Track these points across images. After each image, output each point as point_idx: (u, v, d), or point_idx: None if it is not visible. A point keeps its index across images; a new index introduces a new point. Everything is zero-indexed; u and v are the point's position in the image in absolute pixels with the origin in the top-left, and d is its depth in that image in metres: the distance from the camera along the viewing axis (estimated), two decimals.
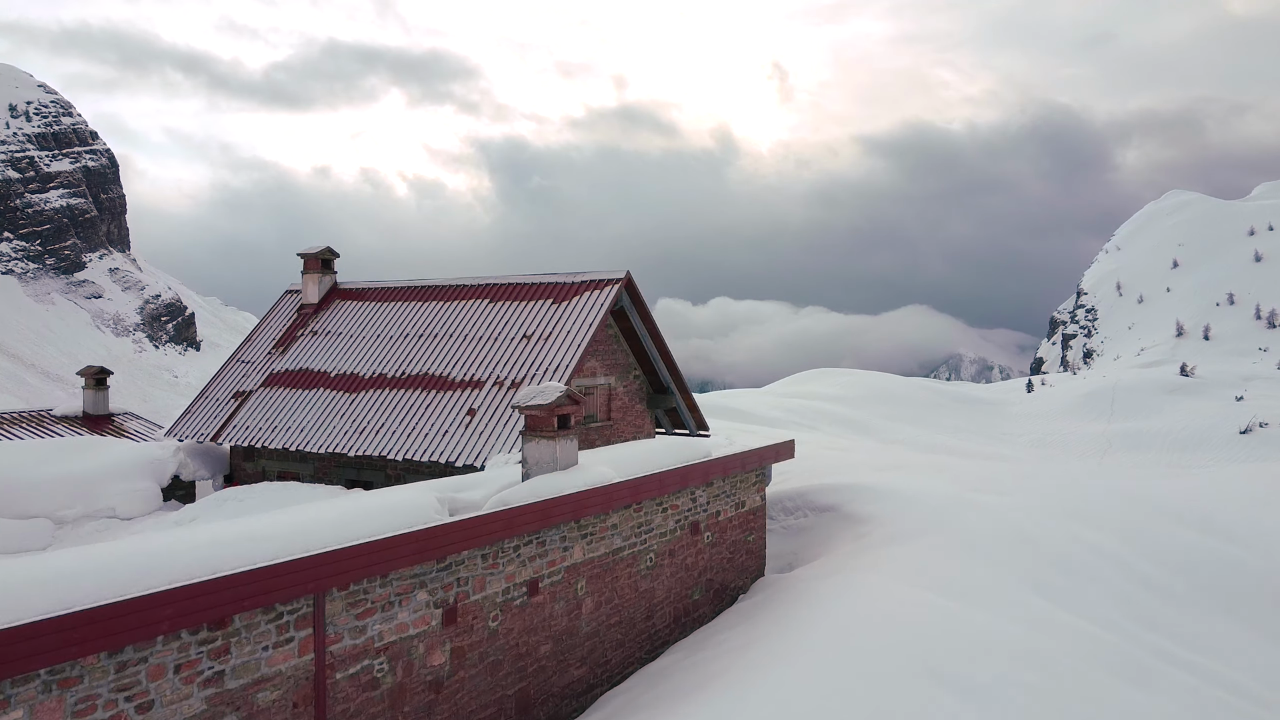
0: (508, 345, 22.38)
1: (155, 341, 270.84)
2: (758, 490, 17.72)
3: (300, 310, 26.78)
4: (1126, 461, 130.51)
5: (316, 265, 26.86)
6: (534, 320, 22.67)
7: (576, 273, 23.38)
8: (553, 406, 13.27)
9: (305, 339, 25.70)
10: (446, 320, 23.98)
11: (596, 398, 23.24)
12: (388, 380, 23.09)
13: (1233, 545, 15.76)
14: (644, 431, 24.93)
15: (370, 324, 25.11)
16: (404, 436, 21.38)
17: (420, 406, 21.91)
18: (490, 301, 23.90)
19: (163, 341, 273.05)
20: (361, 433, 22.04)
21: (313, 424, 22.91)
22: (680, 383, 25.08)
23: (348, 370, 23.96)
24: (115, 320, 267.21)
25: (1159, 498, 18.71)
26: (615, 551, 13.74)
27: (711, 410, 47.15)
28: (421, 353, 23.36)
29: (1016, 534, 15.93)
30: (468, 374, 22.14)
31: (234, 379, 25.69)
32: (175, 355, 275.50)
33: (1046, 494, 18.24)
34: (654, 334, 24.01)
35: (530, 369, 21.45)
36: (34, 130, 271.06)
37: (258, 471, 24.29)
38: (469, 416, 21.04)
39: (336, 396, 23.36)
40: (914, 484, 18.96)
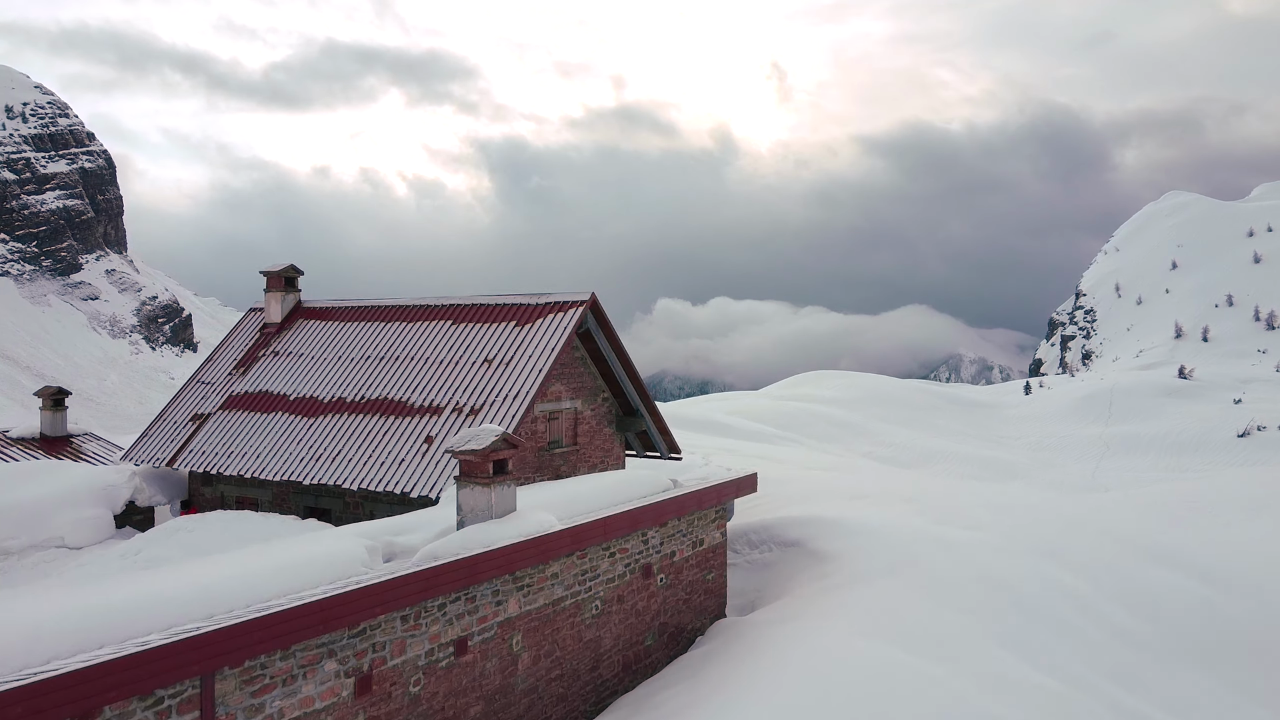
0: (468, 370, 21.73)
1: (152, 343, 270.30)
2: (718, 527, 17.07)
3: (263, 330, 26.13)
4: (1123, 465, 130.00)
5: (279, 283, 26.20)
6: (496, 343, 22.02)
7: (541, 294, 22.73)
8: (488, 451, 12.61)
9: (266, 360, 25.05)
10: (408, 342, 23.33)
11: (562, 422, 22.59)
12: (347, 405, 22.44)
13: (1210, 588, 15.13)
14: (612, 455, 24.29)
15: (332, 345, 24.46)
16: (360, 465, 20.74)
17: (378, 433, 21.25)
18: (453, 323, 23.24)
19: (159, 343, 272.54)
20: (318, 460, 21.39)
21: (269, 450, 22.26)
22: (650, 405, 24.44)
23: (307, 393, 23.31)
24: (112, 322, 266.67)
25: (1134, 532, 18.05)
26: (556, 602, 13.09)
27: (701, 418, 46.46)
28: (382, 376, 22.72)
29: (984, 576, 15.28)
30: (427, 399, 21.49)
31: (193, 400, 25.04)
32: (172, 357, 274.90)
33: (1018, 529, 17.59)
34: (621, 356, 23.36)
35: (490, 395, 20.80)
36: (30, 131, 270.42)
37: (216, 497, 23.64)
38: (426, 444, 20.40)
39: (295, 421, 22.71)
40: (882, 517, 18.31)
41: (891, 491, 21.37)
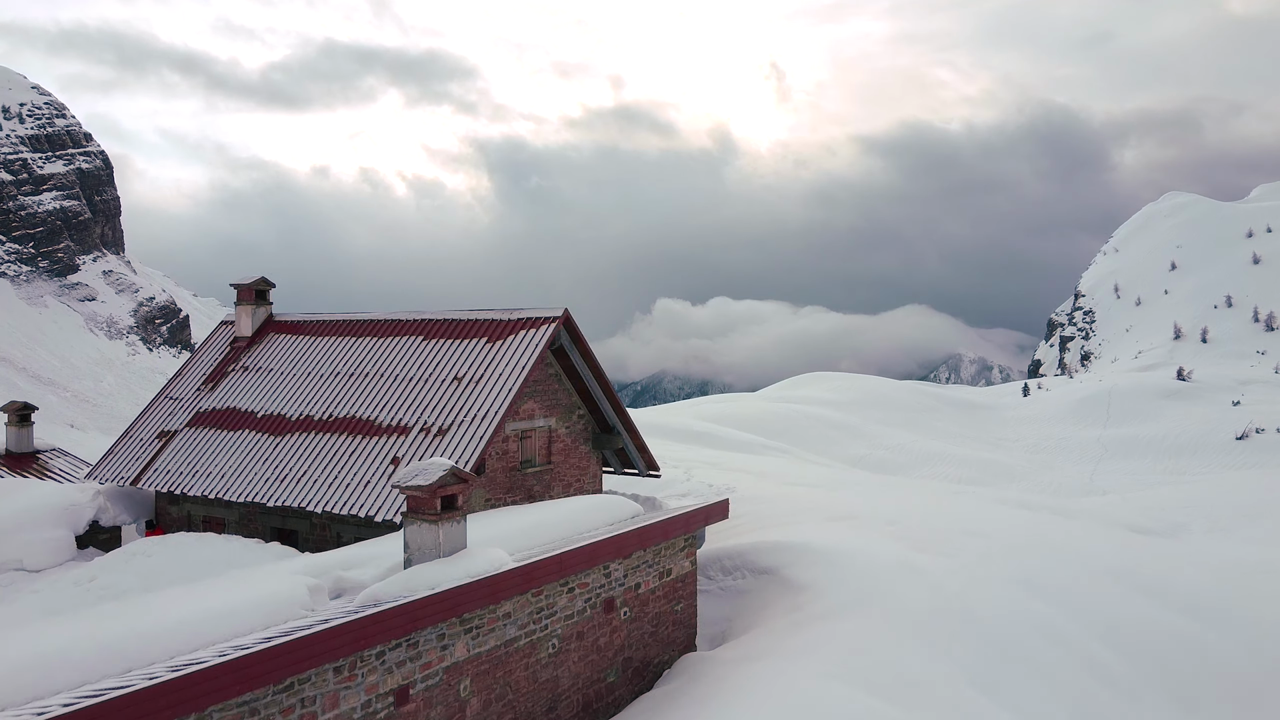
0: (438, 388, 21.18)
1: (149, 344, 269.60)
2: (686, 556, 16.50)
3: (233, 344, 25.58)
4: (1121, 467, 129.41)
5: (250, 296, 25.65)
6: (466, 361, 21.46)
7: (513, 309, 22.18)
8: (435, 487, 12.05)
9: (236, 375, 24.49)
10: (378, 359, 22.77)
11: (535, 441, 22.03)
12: (314, 423, 21.88)
13: (1194, 621, 14.58)
14: (589, 474, 23.73)
15: (302, 360, 23.90)
16: (325, 486, 20.18)
17: (345, 453, 20.70)
18: (424, 338, 22.69)
19: (156, 344, 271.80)
20: (283, 481, 20.84)
21: (235, 469, 21.71)
22: (627, 422, 23.89)
23: (275, 411, 22.75)
24: (109, 323, 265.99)
25: (1117, 560, 17.47)
26: (509, 643, 12.53)
27: (687, 428, 45.90)
28: (351, 394, 22.16)
29: (959, 610, 14.73)
30: (395, 418, 20.93)
31: (160, 417, 24.49)
32: (169, 358, 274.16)
33: (995, 556, 17.02)
34: (597, 372, 22.82)
35: (459, 415, 20.24)
36: (27, 132, 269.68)
37: (183, 516, 23.08)
38: (393, 466, 19.84)
39: (262, 439, 22.15)
40: (859, 543, 17.75)
41: (872, 512, 20.80)
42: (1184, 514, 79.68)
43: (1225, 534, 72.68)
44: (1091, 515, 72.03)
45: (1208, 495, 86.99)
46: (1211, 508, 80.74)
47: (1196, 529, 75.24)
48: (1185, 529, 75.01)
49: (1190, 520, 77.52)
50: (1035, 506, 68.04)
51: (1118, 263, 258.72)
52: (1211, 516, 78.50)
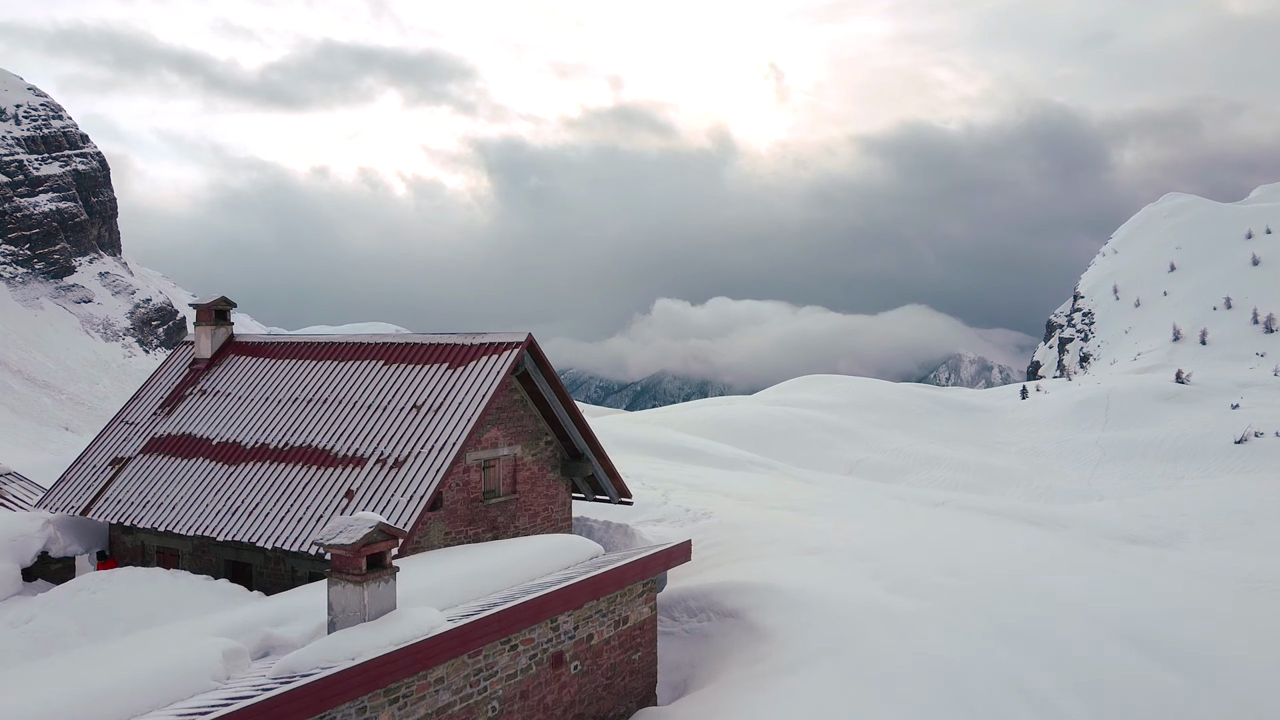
0: (396, 416, 20.38)
1: (145, 346, 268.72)
2: (645, 601, 15.70)
3: (192, 366, 24.78)
4: (1120, 471, 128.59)
5: (209, 317, 24.84)
6: (426, 388, 20.66)
7: (477, 333, 21.38)
8: (360, 545, 11.25)
9: (193, 399, 23.69)
10: (337, 384, 21.96)
11: (499, 470, 21.23)
12: (270, 452, 21.08)
13: (1185, 678, 13.72)
14: (557, 502, 22.93)
15: (261, 384, 23.10)
16: (278, 520, 19.38)
17: (299, 485, 19.90)
18: (385, 363, 21.89)
19: (153, 346, 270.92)
20: (235, 514, 20.04)
21: (187, 500, 20.91)
22: (597, 447, 23.06)
23: (231, 438, 21.95)
24: (105, 325, 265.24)
25: (1101, 606, 16.64)
26: (442, 710, 11.73)
27: (671, 444, 45.08)
28: (308, 421, 21.35)
29: (929, 661, 13.93)
30: (351, 448, 20.13)
31: (115, 443, 23.68)
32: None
33: (972, 599, 16.20)
34: (564, 398, 22.02)
35: (416, 446, 19.44)
36: (23, 133, 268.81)
37: (137, 546, 22.27)
38: (347, 499, 19.04)
39: (216, 469, 21.35)
40: (829, 583, 16.95)
41: (847, 545, 19.98)
42: (1181, 521, 78.95)
43: (1222, 542, 71.98)
44: (1087, 524, 71.38)
45: (1205, 502, 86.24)
46: (1209, 515, 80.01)
47: (1193, 537, 74.56)
48: (1182, 537, 74.33)
49: (1187, 528, 76.81)
50: (1028, 518, 67.36)
51: (1117, 264, 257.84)
52: (1209, 524, 77.78)
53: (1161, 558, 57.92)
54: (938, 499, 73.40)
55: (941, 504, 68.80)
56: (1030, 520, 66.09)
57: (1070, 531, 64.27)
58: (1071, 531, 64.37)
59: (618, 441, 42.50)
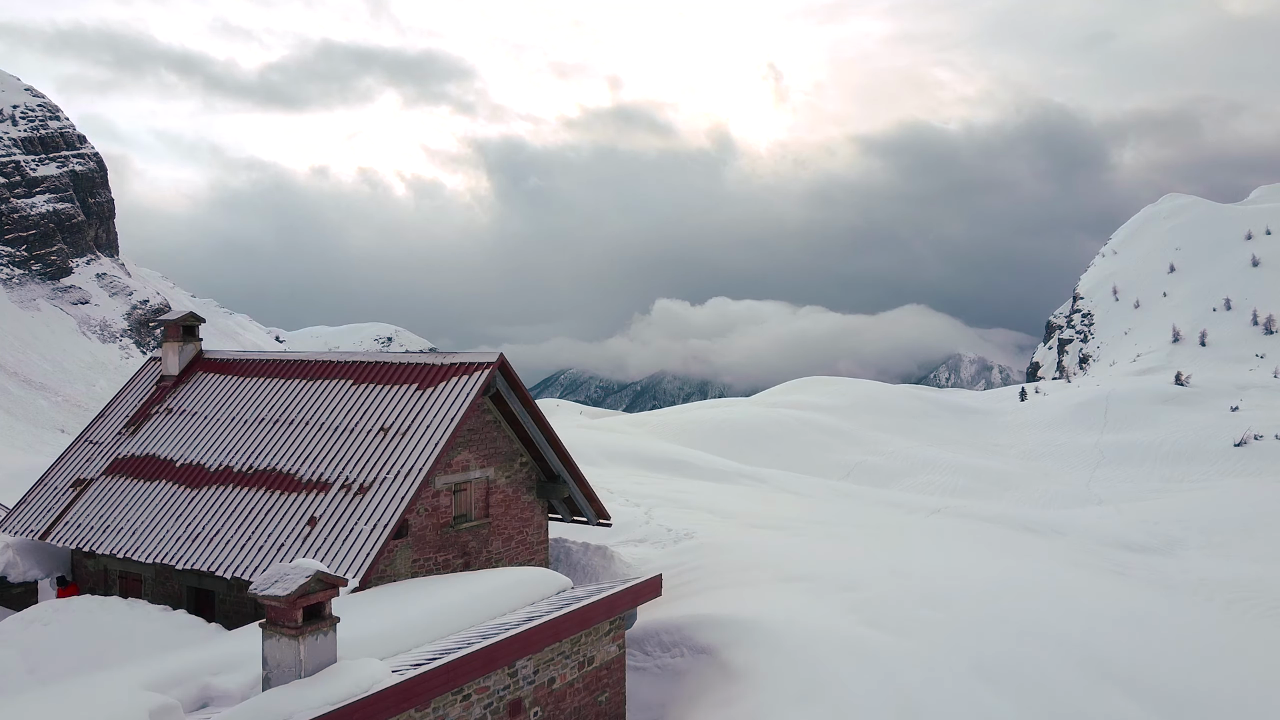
0: (363, 439, 19.72)
1: (143, 348, 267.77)
2: (613, 639, 15.02)
3: (159, 383, 24.12)
4: (1118, 475, 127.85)
5: (177, 333, 24.20)
6: (394, 409, 20.00)
7: (447, 353, 20.73)
8: (295, 597, 10.58)
9: (159, 418, 23.03)
10: (305, 404, 21.30)
11: (470, 494, 20.56)
12: (233, 475, 20.42)
13: (1156, 716, 13.07)
14: (532, 525, 22.26)
15: (228, 403, 22.44)
16: (238, 549, 18.73)
17: (261, 511, 19.24)
18: (354, 383, 21.23)
19: (150, 348, 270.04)
20: (195, 540, 19.38)
21: (147, 525, 20.25)
22: (573, 469, 22.40)
23: (195, 460, 21.28)
24: (102, 326, 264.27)
25: (1092, 643, 15.96)
26: None
27: (659, 456, 44.37)
28: (273, 442, 20.69)
29: (904, 705, 13.27)
30: (316, 472, 19.47)
31: (78, 463, 23.02)
32: None
33: (955, 635, 15.53)
34: (538, 419, 21.36)
35: (382, 470, 18.78)
36: (20, 134, 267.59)
37: (99, 571, 21.60)
38: (309, 527, 18.39)
39: (178, 492, 20.69)
40: (808, 617, 16.28)
41: (830, 573, 19.30)
42: (1179, 528, 78.19)
43: (1220, 550, 71.25)
44: (1084, 532, 70.62)
45: (1204, 507, 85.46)
46: (1207, 522, 79.23)
47: (1192, 544, 73.83)
48: (1181, 545, 73.58)
49: (1186, 535, 76.07)
50: (1025, 525, 66.59)
51: (1116, 265, 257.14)
52: (1207, 531, 77.01)
53: (1159, 567, 57.30)
54: (934, 505, 72.74)
55: (937, 511, 68.17)
56: (1027, 528, 65.44)
57: (1067, 539, 63.67)
58: (1068, 539, 63.76)
59: (606, 453, 41.86)
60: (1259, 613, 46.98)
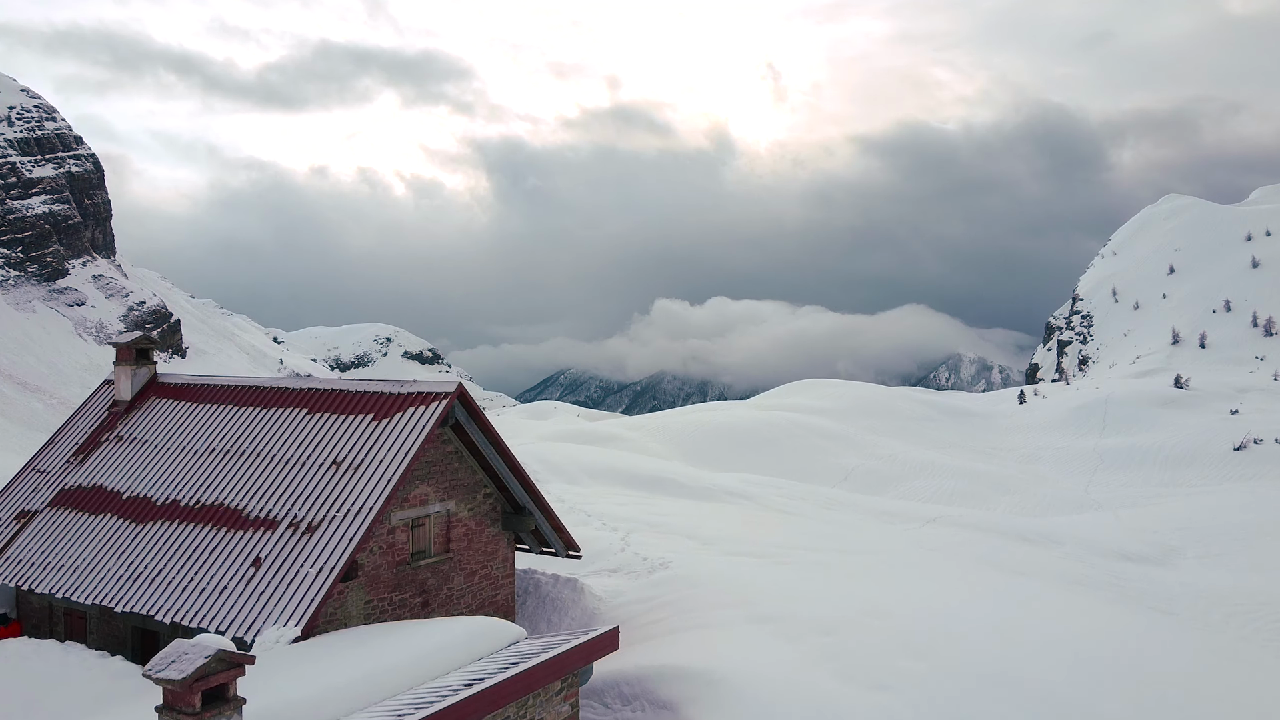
0: (315, 473, 18.76)
1: None
2: (565, 699, 14.06)
3: (111, 408, 23.17)
4: (1117, 479, 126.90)
5: (130, 355, 23.24)
6: (348, 441, 19.04)
7: (405, 382, 19.77)
8: (191, 680, 9.62)
9: (109, 446, 22.07)
10: (258, 434, 20.34)
11: (430, 529, 19.59)
12: (180, 510, 19.46)
13: None
14: (497, 558, 21.30)
15: (179, 432, 21.48)
16: (178, 592, 17.77)
17: (205, 550, 18.28)
18: (308, 412, 20.26)
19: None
20: (137, 581, 18.42)
21: (89, 563, 19.30)
22: (540, 500, 21.45)
23: (142, 492, 20.33)
24: (98, 328, 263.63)
25: (1074, 687, 15.02)
26: None
27: (643, 473, 43.42)
28: (223, 475, 19.73)
29: None
30: (264, 509, 18.51)
31: (24, 493, 22.07)
32: (160, 363, 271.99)
33: (936, 692, 14.57)
34: (501, 450, 20.40)
35: (332, 508, 17.83)
36: (16, 135, 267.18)
37: (44, 608, 20.62)
38: (254, 569, 17.42)
39: (123, 528, 19.74)
40: (777, 670, 15.30)
41: (808, 614, 18.33)
42: (1178, 536, 77.19)
43: (1218, 560, 70.22)
44: (1081, 542, 69.59)
45: (1203, 514, 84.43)
46: (1206, 530, 78.19)
47: (1190, 553, 72.81)
48: (1179, 554, 72.56)
49: (1184, 544, 75.05)
50: (1021, 535, 65.57)
51: (1116, 266, 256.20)
52: (1205, 540, 76.00)
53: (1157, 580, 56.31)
54: (929, 514, 71.82)
55: (932, 521, 67.29)
56: (1023, 538, 64.53)
57: (1064, 550, 62.77)
58: (1065, 550, 62.86)
59: (588, 470, 40.90)
60: (1256, 627, 46.06)
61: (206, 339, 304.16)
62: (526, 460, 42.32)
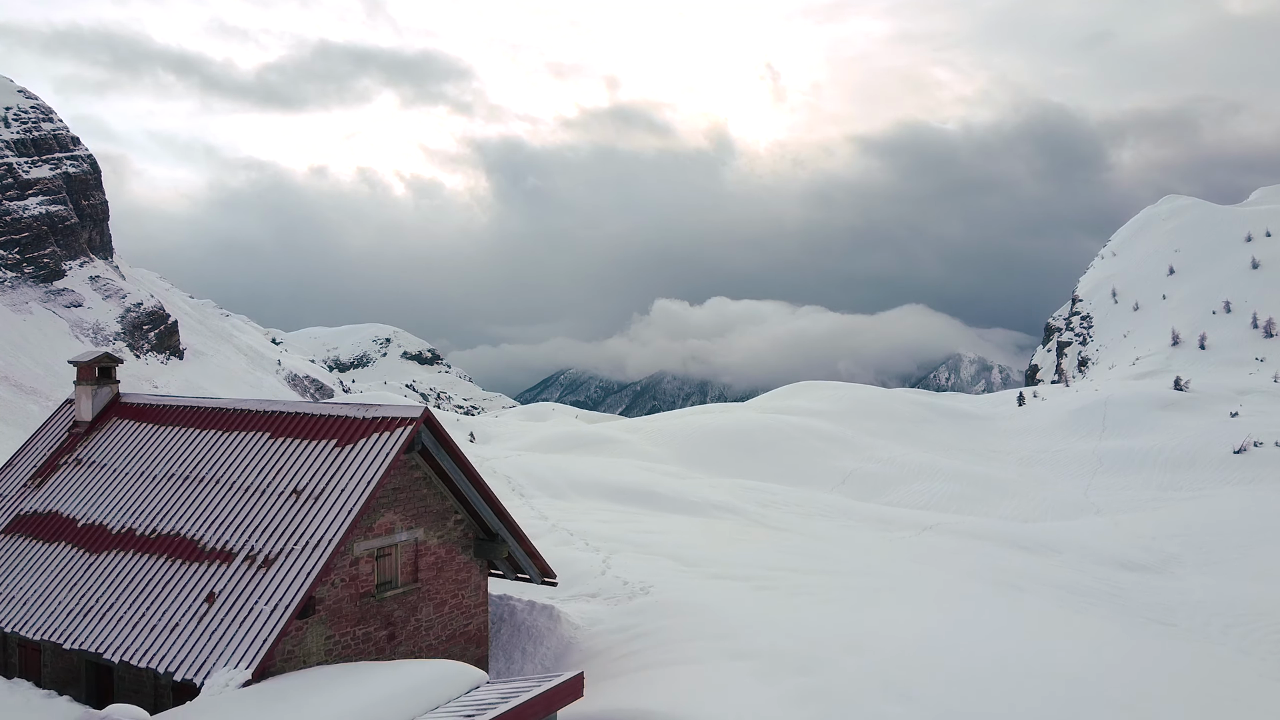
0: (274, 502, 17.99)
1: (136, 351, 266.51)
2: None
3: (71, 429, 22.40)
4: (1116, 482, 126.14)
5: (90, 375, 22.47)
6: (310, 468, 18.27)
7: (370, 405, 18.99)
8: None
9: (67, 470, 21.32)
10: (219, 459, 19.57)
11: (396, 558, 18.83)
12: (135, 540, 18.70)
13: None
14: (468, 587, 20.52)
15: (140, 455, 20.72)
16: (129, 628, 17.00)
17: (159, 583, 17.52)
18: (270, 436, 19.49)
19: (144, 350, 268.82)
20: (88, 615, 17.66)
21: (40, 596, 18.54)
22: (513, 527, 20.68)
23: (97, 520, 19.57)
24: (95, 329, 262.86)
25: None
26: None
27: (630, 487, 42.64)
28: (181, 503, 18.97)
29: None
30: (221, 539, 17.74)
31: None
32: (157, 365, 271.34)
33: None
34: (471, 476, 19.62)
35: (290, 539, 17.06)
36: (12, 136, 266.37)
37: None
38: (206, 605, 16.65)
39: (76, 557, 18.98)
40: (750, 713, 14.56)
41: (786, 649, 17.55)
42: (1176, 543, 76.38)
43: (1217, 568, 69.40)
44: (1079, 549, 68.79)
45: (1201, 520, 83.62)
46: (1204, 537, 77.38)
47: (1189, 561, 71.97)
48: (1178, 561, 71.74)
49: (1183, 551, 74.23)
50: (1018, 543, 64.75)
51: (1116, 267, 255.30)
52: (1204, 547, 75.17)
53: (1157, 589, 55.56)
54: (926, 521, 71.10)
55: (928, 529, 66.55)
56: (1020, 546, 63.82)
57: (1062, 558, 62.05)
58: (1063, 558, 62.14)
59: (575, 484, 40.12)
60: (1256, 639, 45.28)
61: (204, 340, 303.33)
62: (513, 473, 41.55)
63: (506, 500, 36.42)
